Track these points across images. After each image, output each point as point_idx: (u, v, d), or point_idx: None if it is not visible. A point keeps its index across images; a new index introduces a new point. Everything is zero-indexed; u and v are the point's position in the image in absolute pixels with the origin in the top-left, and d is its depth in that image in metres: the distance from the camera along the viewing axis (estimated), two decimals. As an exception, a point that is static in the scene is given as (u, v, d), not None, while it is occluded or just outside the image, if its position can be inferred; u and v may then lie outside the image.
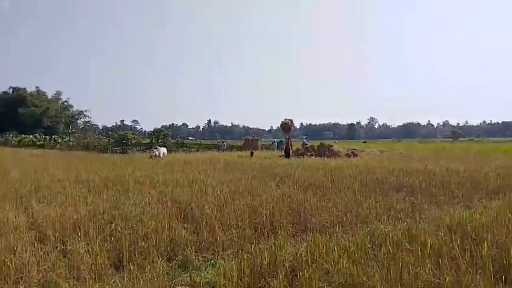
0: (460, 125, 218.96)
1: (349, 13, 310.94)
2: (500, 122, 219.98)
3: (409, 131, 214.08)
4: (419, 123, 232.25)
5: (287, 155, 25.44)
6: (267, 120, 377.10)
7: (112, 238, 5.61)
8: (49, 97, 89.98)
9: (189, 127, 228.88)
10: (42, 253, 5.09)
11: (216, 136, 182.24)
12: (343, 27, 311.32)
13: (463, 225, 5.89)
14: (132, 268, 4.56)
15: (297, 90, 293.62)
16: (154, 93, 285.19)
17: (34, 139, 61.88)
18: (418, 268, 4.09)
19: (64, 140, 59.28)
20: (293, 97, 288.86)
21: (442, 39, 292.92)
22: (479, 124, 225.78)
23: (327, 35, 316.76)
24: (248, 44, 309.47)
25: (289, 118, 29.34)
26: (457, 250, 4.61)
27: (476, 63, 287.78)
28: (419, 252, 4.52)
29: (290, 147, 26.76)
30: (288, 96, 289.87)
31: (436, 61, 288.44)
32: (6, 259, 4.71)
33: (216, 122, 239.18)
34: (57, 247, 5.39)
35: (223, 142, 49.34)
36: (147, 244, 5.32)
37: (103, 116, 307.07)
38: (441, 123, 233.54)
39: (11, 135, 66.22)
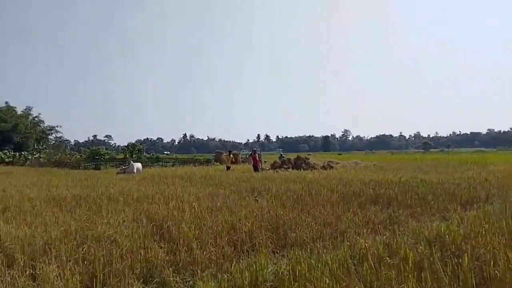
0: (431, 136, 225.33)
1: (327, 28, 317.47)
2: (469, 133, 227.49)
3: (381, 142, 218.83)
4: (391, 135, 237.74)
5: (255, 169, 25.16)
6: (243, 133, 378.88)
7: (85, 261, 5.36)
8: (19, 112, 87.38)
9: (164, 142, 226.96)
10: (9, 278, 4.80)
11: (192, 150, 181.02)
12: (319, 42, 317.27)
13: (441, 237, 5.92)
14: (106, 292, 4.35)
15: (273, 104, 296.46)
16: (128, 107, 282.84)
17: (2, 156, 59.75)
18: (402, 284, 4.05)
19: (35, 156, 57.54)
20: (268, 110, 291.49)
21: (413, 51, 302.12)
22: (448, 135, 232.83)
23: (302, 49, 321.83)
24: (224, 57, 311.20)
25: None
26: (438, 263, 4.60)
27: (446, 76, 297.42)
28: (401, 266, 4.49)
29: (259, 161, 26.56)
30: (264, 109, 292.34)
31: (408, 74, 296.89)
32: (-30, 286, 4.43)
33: (192, 136, 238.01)
34: (25, 271, 5.09)
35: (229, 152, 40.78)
36: (122, 266, 5.09)
37: (75, 131, 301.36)
38: (413, 135, 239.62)
39: (-23, 152, 63.77)
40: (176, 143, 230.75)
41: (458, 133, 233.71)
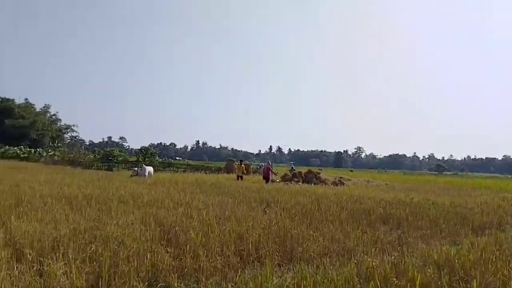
0: (445, 159, 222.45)
1: (339, 42, 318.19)
2: (484, 158, 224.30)
3: (394, 162, 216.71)
4: (405, 155, 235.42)
5: (266, 180, 25.12)
6: (256, 143, 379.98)
7: (92, 261, 5.40)
8: (38, 109, 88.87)
9: (177, 147, 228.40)
10: (17, 272, 4.88)
11: (204, 157, 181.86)
12: (331, 55, 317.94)
13: (451, 262, 5.82)
14: (111, 293, 4.37)
15: (286, 116, 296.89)
16: (143, 110, 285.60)
17: (18, 151, 60.71)
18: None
19: (49, 154, 58.36)
20: (282, 122, 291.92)
21: (430, 74, 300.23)
22: (463, 159, 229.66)
23: (316, 64, 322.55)
24: (239, 67, 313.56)
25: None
26: (446, 287, 4.52)
27: (463, 100, 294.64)
28: (408, 288, 4.43)
29: (271, 172, 26.46)
30: (277, 121, 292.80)
31: (425, 95, 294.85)
32: (-22, 277, 4.50)
33: (204, 143, 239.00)
34: (33, 267, 5.17)
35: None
36: (128, 268, 5.13)
37: (90, 131, 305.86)
38: (427, 156, 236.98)
39: (-5, 147, 64.90)
40: (189, 149, 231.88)
41: (473, 157, 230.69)
